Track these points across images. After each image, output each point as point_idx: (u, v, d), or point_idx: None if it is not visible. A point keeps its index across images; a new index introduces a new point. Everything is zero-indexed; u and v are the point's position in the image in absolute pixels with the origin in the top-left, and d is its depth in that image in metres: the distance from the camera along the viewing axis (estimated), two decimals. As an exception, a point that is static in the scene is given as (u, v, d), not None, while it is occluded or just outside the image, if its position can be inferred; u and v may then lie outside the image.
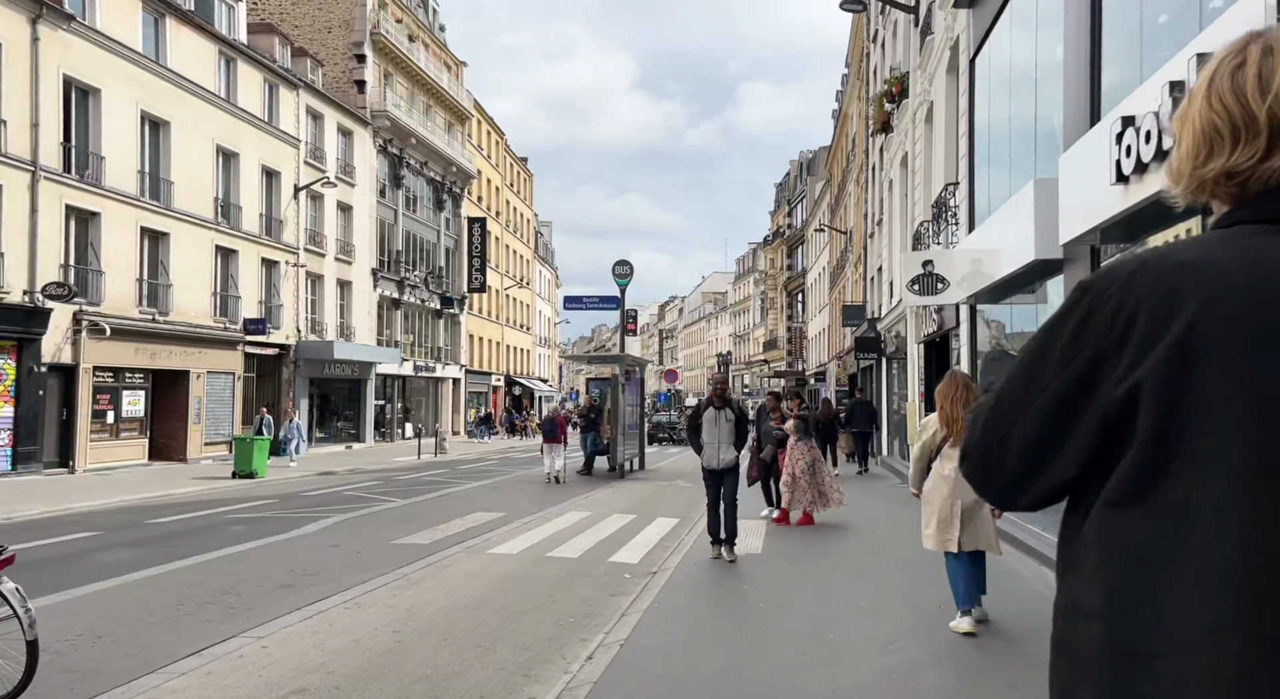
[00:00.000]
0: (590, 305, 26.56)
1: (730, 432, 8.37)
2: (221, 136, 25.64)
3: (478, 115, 48.85)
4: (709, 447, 8.33)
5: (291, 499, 15.07)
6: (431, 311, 41.88)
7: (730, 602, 6.73)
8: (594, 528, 10.97)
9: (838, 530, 10.45)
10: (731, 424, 8.37)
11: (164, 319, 23.04)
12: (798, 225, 60.18)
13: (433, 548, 9.07)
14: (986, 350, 11.45)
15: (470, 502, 13.99)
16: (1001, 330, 10.87)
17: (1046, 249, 7.34)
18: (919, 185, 16.29)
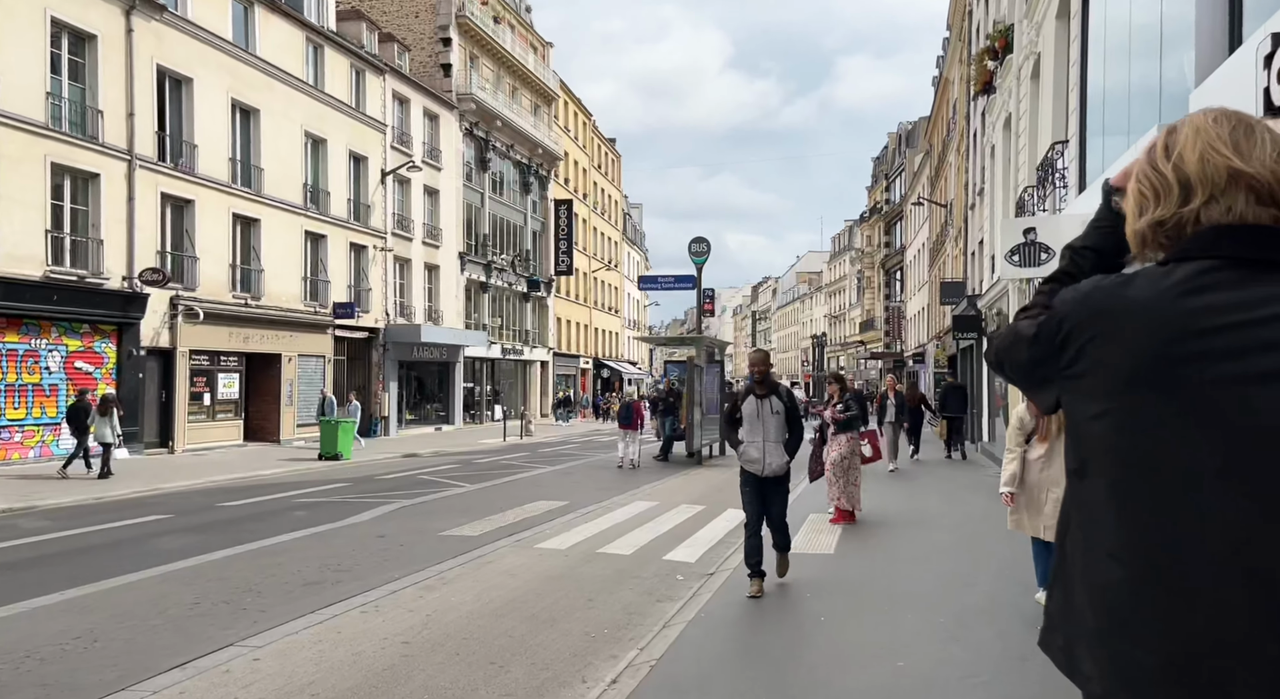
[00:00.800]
0: (666, 285, 25.87)
1: (780, 427, 6.34)
2: (310, 123, 26.04)
3: (564, 96, 48.58)
4: (750, 447, 6.40)
5: (364, 483, 15.04)
6: (519, 295, 42.02)
7: (788, 613, 5.98)
8: (656, 520, 10.34)
9: (923, 527, 9.50)
10: (781, 417, 6.34)
11: (256, 303, 23.62)
12: (896, 201, 57.69)
13: (480, 541, 8.63)
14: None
15: (537, 489, 13.58)
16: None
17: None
18: (1023, 148, 14.85)
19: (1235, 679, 1.08)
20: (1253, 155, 1.14)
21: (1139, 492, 1.17)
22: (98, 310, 18.73)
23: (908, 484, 13.91)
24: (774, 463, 6.43)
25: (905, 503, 11.85)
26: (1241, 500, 1.09)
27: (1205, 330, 1.13)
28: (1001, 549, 8.17)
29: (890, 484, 13.84)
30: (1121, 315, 1.18)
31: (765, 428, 6.40)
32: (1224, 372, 1.11)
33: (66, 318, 18.20)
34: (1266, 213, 1.14)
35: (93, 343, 18.88)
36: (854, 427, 10.08)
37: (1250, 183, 1.14)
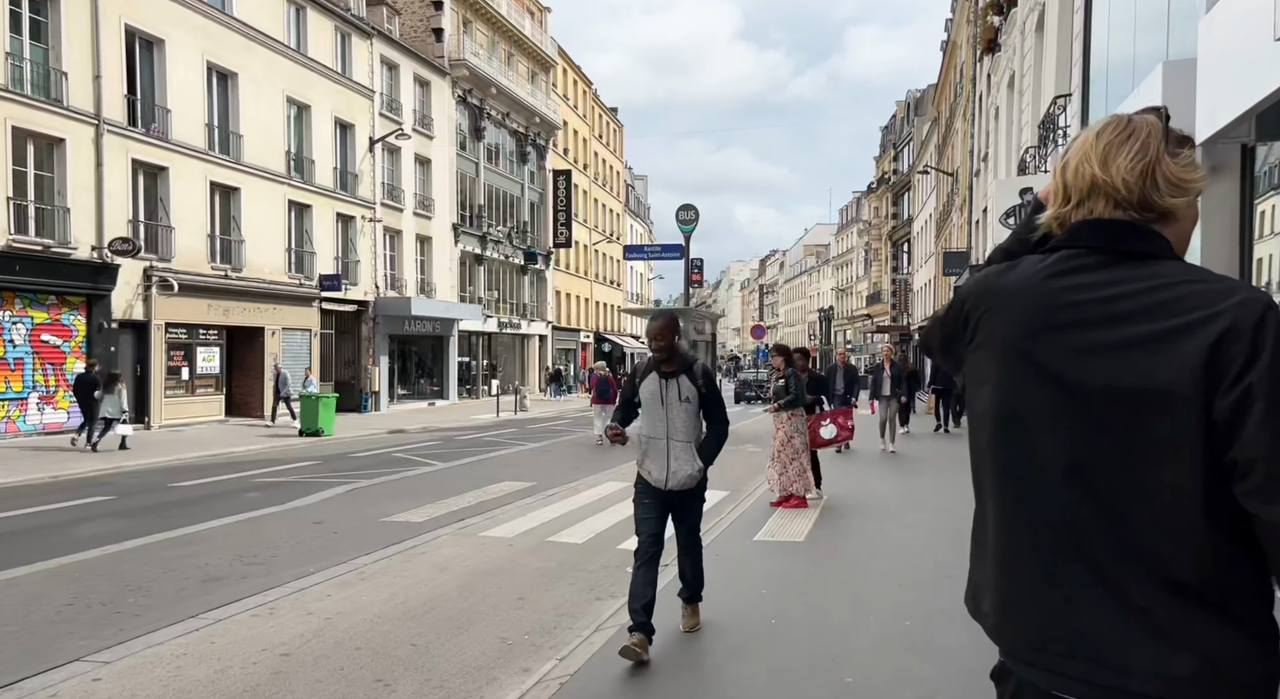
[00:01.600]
0: (653, 254, 25.08)
1: (690, 420, 4.56)
2: (292, 88, 25.21)
3: (563, 63, 47.43)
4: (652, 445, 4.55)
5: (335, 461, 14.46)
6: (516, 267, 41.26)
7: (737, 613, 5.33)
8: (623, 503, 9.65)
9: (908, 511, 8.82)
10: (693, 406, 4.54)
11: (236, 275, 22.97)
12: (904, 170, 56.44)
13: (424, 528, 8.00)
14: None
15: (507, 468, 12.96)
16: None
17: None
18: (1026, 107, 13.97)
19: (1076, 598, 1.27)
20: (1112, 166, 1.32)
21: (1007, 446, 1.36)
22: (65, 281, 18.11)
23: (897, 462, 13.24)
24: (682, 471, 4.51)
25: (894, 483, 11.19)
26: (1077, 449, 1.27)
27: (1060, 306, 1.32)
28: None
29: (880, 463, 13.17)
30: (1002, 293, 1.38)
31: (671, 421, 4.49)
32: (1071, 340, 1.29)
33: (31, 289, 17.59)
34: (1123, 213, 1.33)
35: (60, 315, 18.29)
36: (795, 406, 9.32)
37: (1108, 190, 1.32)
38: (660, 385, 4.55)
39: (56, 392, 18.29)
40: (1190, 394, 1.18)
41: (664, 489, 4.60)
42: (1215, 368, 1.17)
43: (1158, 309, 1.23)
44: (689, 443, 4.58)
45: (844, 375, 14.31)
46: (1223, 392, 1.16)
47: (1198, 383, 1.17)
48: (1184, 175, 1.32)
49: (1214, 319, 1.18)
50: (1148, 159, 1.30)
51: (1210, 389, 1.17)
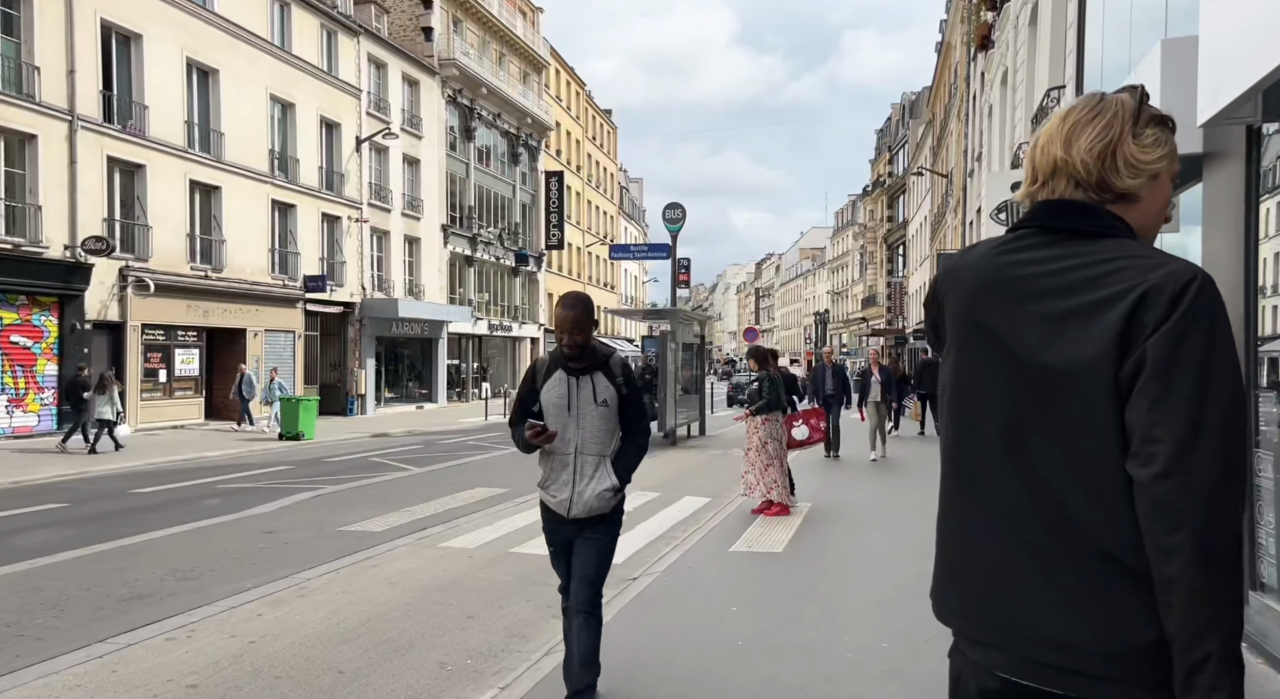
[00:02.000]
0: (639, 254, 24.69)
1: (604, 426, 3.60)
2: (276, 86, 24.79)
3: (555, 64, 47.06)
4: (555, 462, 3.60)
5: (309, 466, 14.02)
6: (507, 269, 40.83)
7: (702, 633, 4.92)
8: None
9: (893, 519, 8.41)
10: (610, 411, 3.61)
11: (217, 275, 22.52)
12: (899, 173, 56.14)
13: (382, 538, 7.57)
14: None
15: (483, 474, 12.52)
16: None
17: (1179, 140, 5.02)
18: (1019, 103, 13.60)
19: (1005, 569, 1.30)
20: (1073, 147, 1.33)
21: (956, 417, 1.40)
22: (36, 281, 17.66)
23: (884, 469, 12.81)
24: (590, 493, 3.52)
25: (879, 490, 10.79)
26: (1013, 418, 1.30)
27: (1003, 281, 1.36)
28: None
29: (867, 470, 12.76)
30: (961, 271, 1.44)
31: (581, 428, 3.53)
32: (1009, 313, 1.33)
33: (1, 288, 17.13)
34: (1082, 194, 1.35)
35: (30, 315, 17.83)
36: (771, 409, 8.92)
37: (1069, 171, 1.34)
38: (569, 387, 3.55)
39: (27, 394, 17.83)
40: (1109, 362, 1.20)
41: (568, 516, 3.58)
42: (1127, 335, 1.19)
43: (1091, 283, 1.25)
44: (602, 457, 3.58)
45: (834, 376, 13.79)
46: (1129, 357, 1.19)
47: (1114, 350, 1.20)
48: (1142, 156, 1.32)
49: (1136, 288, 1.20)
50: (1109, 140, 1.32)
51: (1121, 356, 1.19)
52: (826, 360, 14.17)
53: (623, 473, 3.64)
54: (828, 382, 13.53)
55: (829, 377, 13.65)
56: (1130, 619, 1.19)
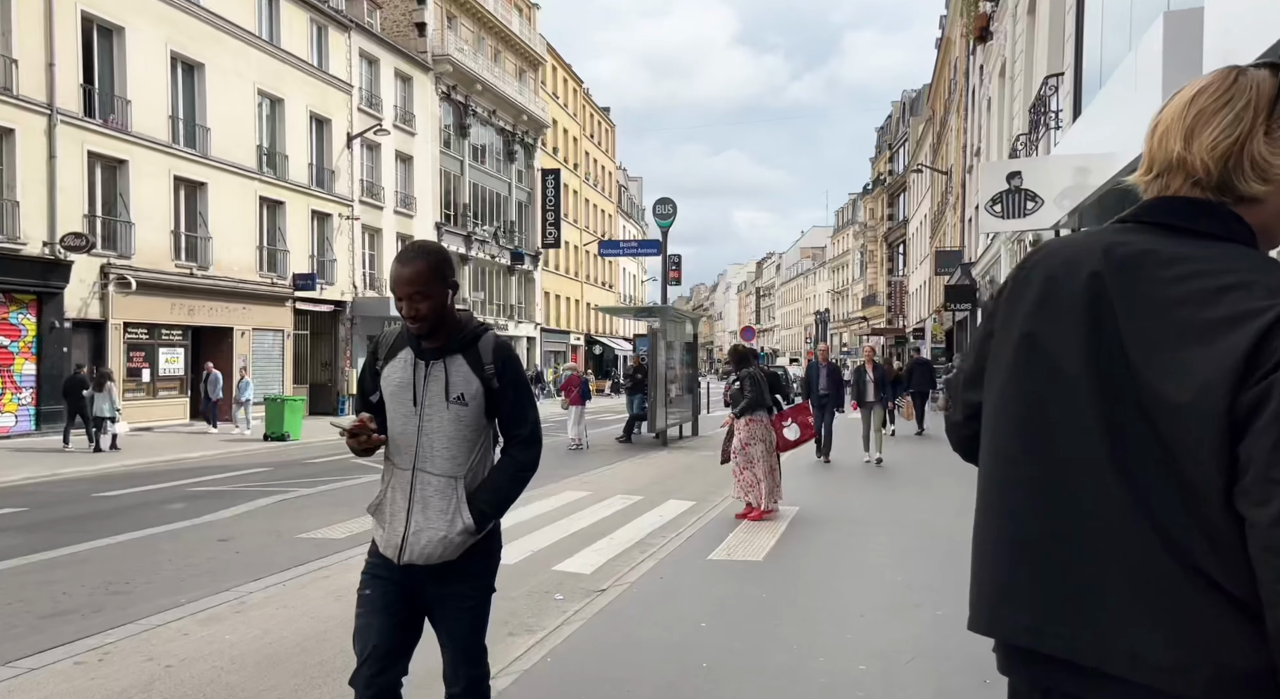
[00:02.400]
0: (628, 250, 24.29)
1: (464, 433, 2.48)
2: (264, 81, 24.43)
3: (552, 60, 46.69)
4: (394, 479, 2.54)
5: (286, 468, 13.64)
6: (503, 268, 40.47)
7: (667, 654, 4.53)
8: (575, 516, 8.89)
9: (884, 524, 8.01)
10: (471, 409, 2.47)
11: (203, 273, 22.16)
12: (899, 171, 55.73)
13: (341, 545, 7.18)
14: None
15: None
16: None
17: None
18: (1018, 94, 13.20)
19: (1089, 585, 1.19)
20: (1194, 143, 1.19)
21: (1031, 424, 1.26)
22: (13, 278, 17.29)
23: (878, 471, 12.39)
24: (431, 532, 2.44)
25: (870, 493, 10.38)
26: (1100, 426, 1.17)
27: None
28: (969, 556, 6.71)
29: (859, 472, 12.34)
30: (1049, 259, 1.28)
31: (425, 434, 2.47)
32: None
33: (-24, 286, 16.80)
34: (1200, 192, 1.21)
35: (8, 313, 17.46)
36: (755, 409, 8.52)
37: (1188, 170, 1.20)
38: (415, 374, 2.46)
39: (4, 394, 17.47)
40: (1225, 390, 1.08)
41: (397, 562, 2.46)
42: (1253, 362, 1.08)
43: (1211, 297, 1.12)
44: (454, 480, 2.43)
45: (828, 375, 13.25)
46: (1249, 386, 1.08)
47: (1234, 377, 1.08)
48: (1274, 159, 1.17)
49: (1266, 312, 1.09)
50: (1236, 136, 1.18)
51: (1241, 383, 1.08)
52: (820, 358, 13.64)
53: (486, 504, 2.44)
54: (821, 381, 12.98)
55: (823, 375, 13.07)
56: (1235, 645, 1.12)
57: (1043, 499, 1.23)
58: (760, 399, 8.60)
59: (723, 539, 7.59)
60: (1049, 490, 1.22)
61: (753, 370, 8.69)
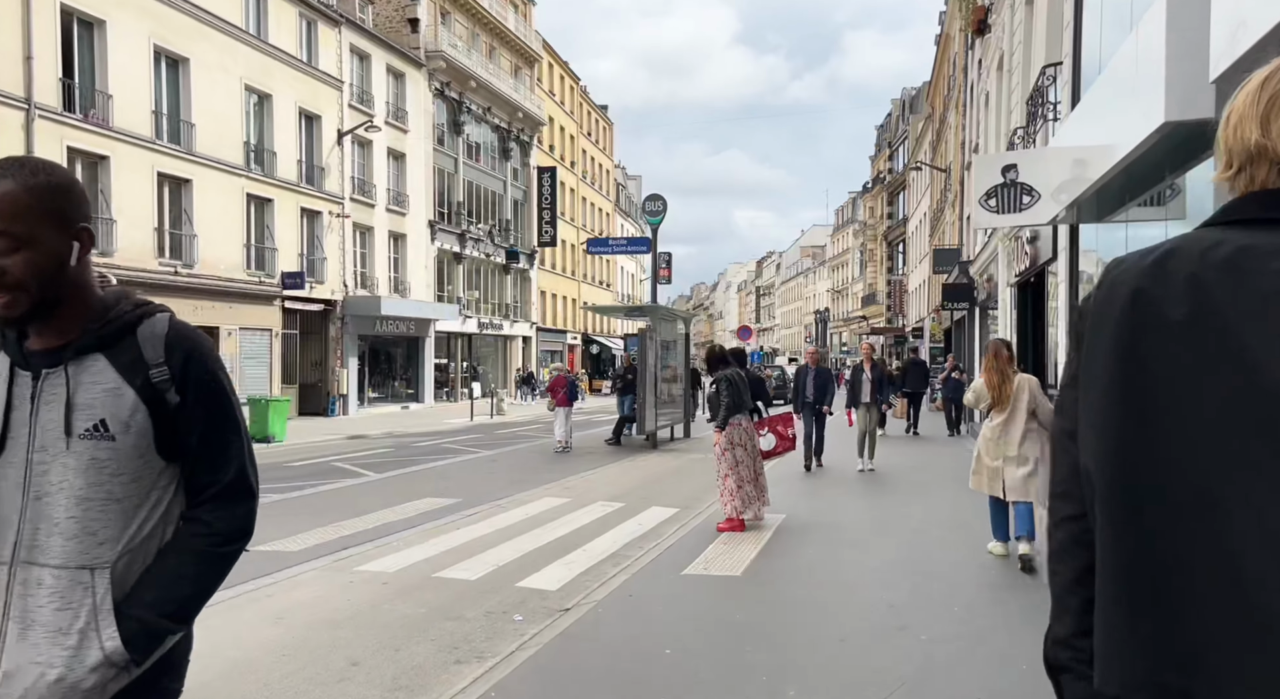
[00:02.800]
0: (618, 248, 23.92)
1: (102, 491, 1.44)
2: (251, 76, 24.04)
3: (548, 57, 46.28)
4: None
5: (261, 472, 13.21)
6: (498, 266, 40.07)
7: (615, 687, 4.14)
8: (550, 525, 8.50)
9: (873, 533, 7.61)
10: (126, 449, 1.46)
11: (188, 272, 21.78)
12: (899, 169, 55.30)
13: (294, 559, 6.79)
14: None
15: (440, 481, 11.75)
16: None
17: (1185, 104, 4.27)
18: (1015, 87, 12.81)
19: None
20: (1273, 128, 1.13)
21: (1165, 442, 1.10)
22: (-12, 276, 16.90)
23: (871, 477, 11.97)
24: (35, 672, 1.39)
25: (860, 501, 9.98)
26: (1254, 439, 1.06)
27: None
28: (960, 571, 6.33)
29: (850, 479, 11.93)
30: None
31: (38, 498, 1.44)
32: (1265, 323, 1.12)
33: (-50, 284, 16.39)
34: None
35: (-17, 312, 17.08)
36: (735, 413, 8.09)
37: (1271, 156, 1.14)
38: (12, 391, 1.49)
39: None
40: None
41: None
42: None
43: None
44: (86, 573, 1.45)
45: (815, 379, 12.44)
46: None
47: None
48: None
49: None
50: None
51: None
52: (809, 360, 12.90)
53: (149, 616, 1.47)
54: (808, 385, 12.24)
55: (810, 379, 12.33)
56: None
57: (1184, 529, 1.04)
58: (739, 402, 8.21)
59: (701, 551, 7.22)
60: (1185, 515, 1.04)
61: (729, 373, 8.29)
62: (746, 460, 8.29)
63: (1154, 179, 6.08)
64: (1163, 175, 5.90)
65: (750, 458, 8.35)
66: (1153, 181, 6.18)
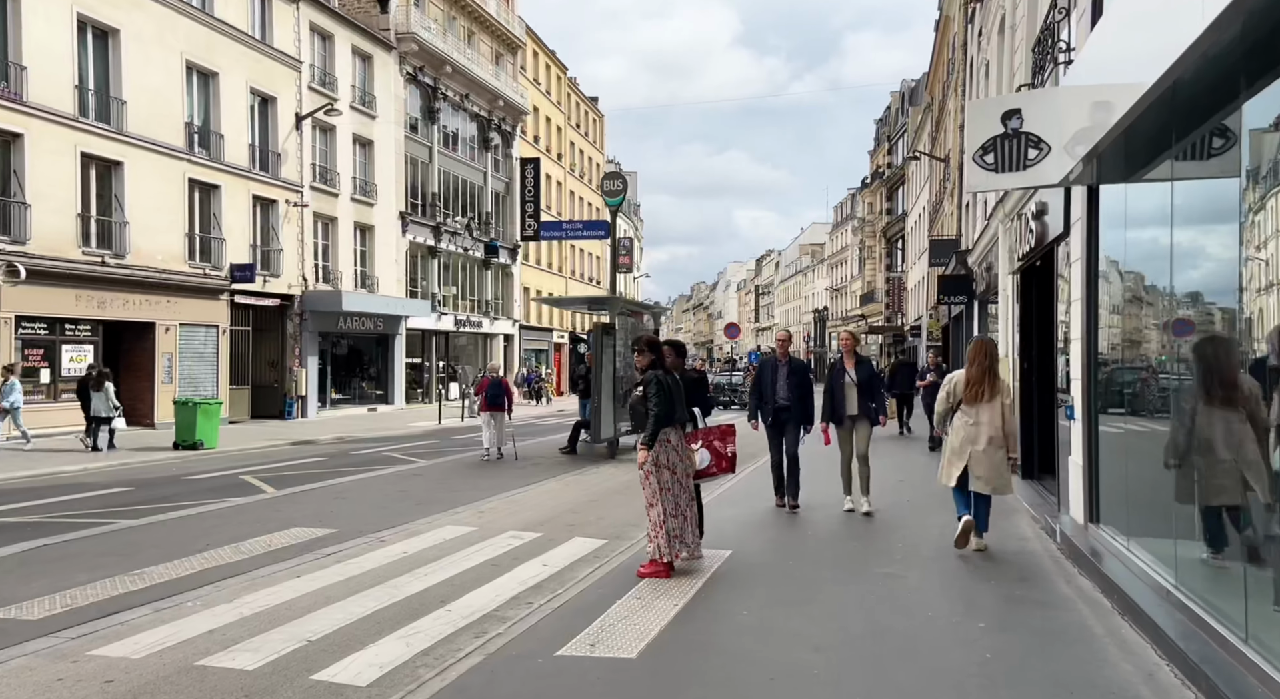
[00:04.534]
0: (572, 232, 22.26)
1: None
2: (194, 52, 22.27)
3: (532, 44, 44.48)
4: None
5: (151, 488, 11.49)
6: (477, 261, 38.27)
7: None
8: (426, 568, 6.71)
9: (826, 586, 5.82)
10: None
11: (117, 262, 20.02)
12: (898, 164, 53.45)
13: (17, 636, 4.96)
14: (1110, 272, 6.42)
15: (331, 503, 9.94)
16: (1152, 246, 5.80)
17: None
18: (1019, 45, 11.00)
19: None
20: None
21: None
22: None
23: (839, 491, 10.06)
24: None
25: (832, 541, 8.13)
26: None
27: None
28: (948, 647, 4.49)
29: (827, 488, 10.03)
30: None
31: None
32: None
33: None
34: None
35: None
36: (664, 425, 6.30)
37: None
38: None
39: None
40: None
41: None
42: None
43: None
44: None
45: (789, 378, 8.83)
46: None
47: None
48: None
49: None
50: None
51: None
52: (779, 352, 9.11)
53: None
54: (779, 386, 8.80)
55: (782, 379, 8.81)
56: None
57: None
58: (670, 413, 6.42)
59: (604, 611, 5.45)
60: None
61: (660, 374, 6.49)
62: (678, 484, 6.51)
63: (1210, 107, 4.29)
64: (1214, 108, 4.13)
65: (683, 481, 6.57)
66: (1208, 111, 4.38)
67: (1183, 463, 4.95)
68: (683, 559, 6.67)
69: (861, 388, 8.77)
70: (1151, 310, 5.98)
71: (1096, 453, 6.97)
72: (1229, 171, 4.32)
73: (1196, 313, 5.08)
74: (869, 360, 9.09)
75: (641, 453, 6.30)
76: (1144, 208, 5.88)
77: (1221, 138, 4.63)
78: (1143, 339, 6.41)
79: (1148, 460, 5.95)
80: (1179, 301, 5.26)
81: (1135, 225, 6.09)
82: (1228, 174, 4.34)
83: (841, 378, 8.81)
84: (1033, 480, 10.71)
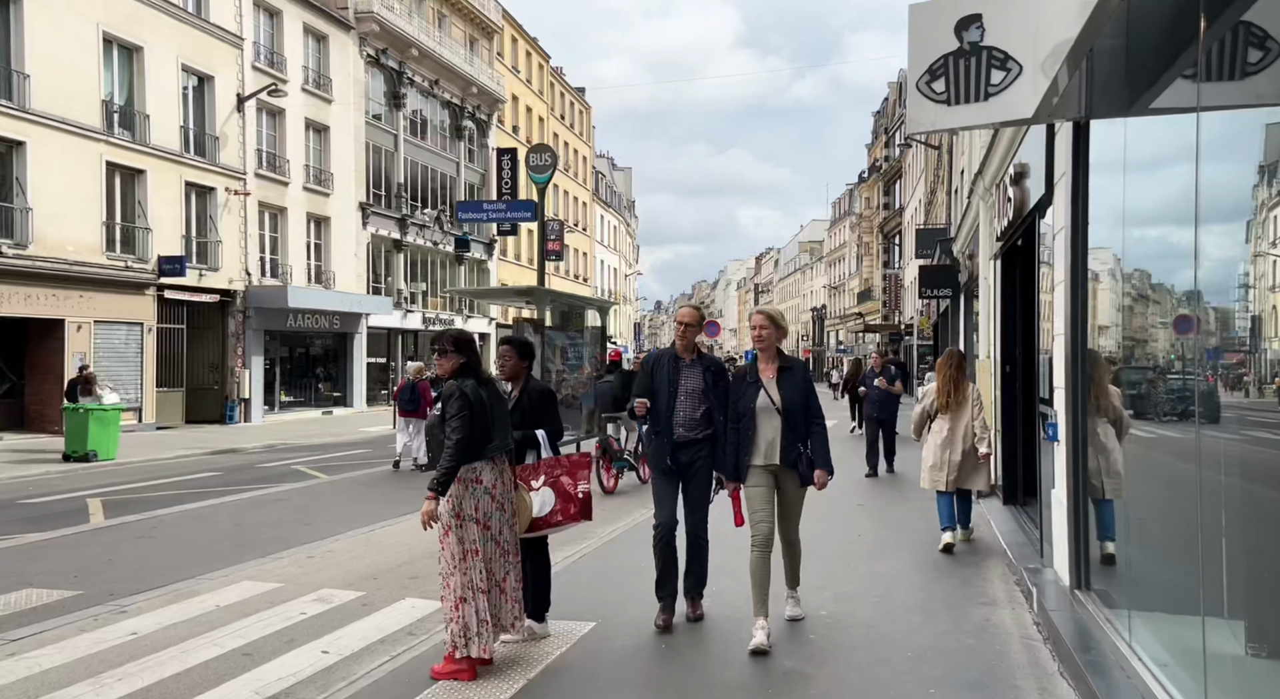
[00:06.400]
0: (494, 214, 20.49)
1: None
2: (113, 23, 20.44)
3: (510, 29, 42.57)
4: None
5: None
6: (448, 256, 36.40)
7: None
8: (144, 662, 4.81)
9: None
10: None
11: (17, 252, 18.20)
12: (896, 156, 51.46)
13: None
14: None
15: (132, 542, 8.02)
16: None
17: None
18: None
19: None
20: None
21: None
22: None
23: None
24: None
25: (738, 579, 6.09)
26: None
27: None
28: None
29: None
30: None
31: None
32: None
33: None
34: None
35: None
36: (472, 460, 4.44)
37: None
38: None
39: None
40: None
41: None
42: None
43: None
44: None
45: (711, 384, 5.13)
46: None
47: None
48: None
49: None
50: None
51: None
52: (679, 345, 5.23)
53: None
54: (680, 402, 5.11)
55: (686, 390, 5.12)
56: None
57: None
58: (479, 440, 4.52)
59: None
60: None
61: (469, 385, 4.57)
62: (493, 543, 4.62)
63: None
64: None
65: (504, 538, 4.68)
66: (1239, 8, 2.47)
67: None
68: (508, 642, 4.79)
69: (789, 415, 4.95)
70: (1159, 304, 4.07)
71: (1084, 493, 5.07)
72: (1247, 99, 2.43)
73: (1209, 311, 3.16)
74: (801, 365, 5.24)
75: (427, 500, 4.39)
76: (1152, 152, 3.97)
77: (1260, 49, 2.75)
78: (1149, 337, 4.50)
79: (1156, 489, 4.05)
80: (1196, 292, 3.35)
81: (1145, 185, 4.18)
82: (1248, 103, 2.45)
83: (753, 396, 4.99)
84: (1015, 507, 8.82)
